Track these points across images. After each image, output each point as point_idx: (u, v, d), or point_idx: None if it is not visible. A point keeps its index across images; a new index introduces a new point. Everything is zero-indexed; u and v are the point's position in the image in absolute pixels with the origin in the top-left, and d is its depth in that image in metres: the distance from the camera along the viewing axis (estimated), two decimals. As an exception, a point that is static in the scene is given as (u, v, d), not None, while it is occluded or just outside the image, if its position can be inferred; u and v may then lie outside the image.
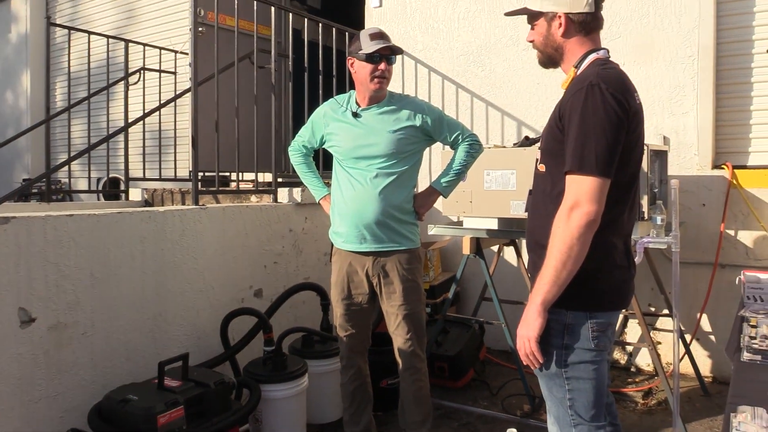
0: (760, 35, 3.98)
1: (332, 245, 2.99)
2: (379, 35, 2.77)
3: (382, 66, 2.75)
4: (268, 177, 4.18)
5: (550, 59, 2.00)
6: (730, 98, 4.11)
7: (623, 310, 2.05)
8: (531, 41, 2.02)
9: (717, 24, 4.07)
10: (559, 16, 1.90)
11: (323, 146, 3.05)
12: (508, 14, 2.13)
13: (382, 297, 2.90)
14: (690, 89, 4.13)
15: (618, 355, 4.44)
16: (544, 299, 1.77)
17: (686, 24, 4.12)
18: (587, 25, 1.90)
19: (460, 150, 2.99)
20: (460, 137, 2.98)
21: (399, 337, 2.90)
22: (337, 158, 2.92)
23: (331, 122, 2.92)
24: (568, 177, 1.77)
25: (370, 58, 2.74)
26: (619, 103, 1.74)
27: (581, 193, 1.72)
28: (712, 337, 4.10)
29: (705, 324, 4.11)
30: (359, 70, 2.79)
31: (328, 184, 3.09)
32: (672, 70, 4.18)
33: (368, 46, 2.74)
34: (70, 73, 5.08)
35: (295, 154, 3.17)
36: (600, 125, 1.72)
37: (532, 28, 2.00)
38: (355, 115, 2.84)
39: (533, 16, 1.97)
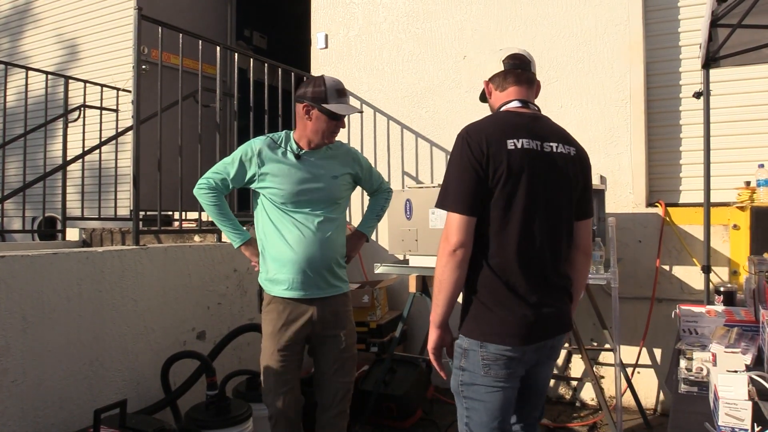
0: (687, 80, 4.22)
1: (261, 293, 2.83)
2: (344, 92, 2.78)
3: (342, 124, 2.78)
4: (212, 216, 4.10)
5: None
6: (661, 139, 4.31)
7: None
8: None
9: (647, 69, 4.30)
10: (485, 83, 2.25)
11: (249, 186, 2.82)
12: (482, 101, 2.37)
13: (323, 342, 2.80)
14: (624, 131, 4.32)
15: (563, 390, 4.50)
16: (432, 319, 2.08)
17: (618, 69, 4.33)
18: (499, 83, 2.19)
19: (380, 197, 3.13)
20: (381, 186, 3.13)
21: (339, 380, 2.81)
22: (272, 200, 2.74)
23: (268, 162, 2.74)
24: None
25: (334, 115, 2.71)
26: (473, 147, 1.97)
27: (447, 227, 1.98)
28: (653, 370, 4.21)
29: (645, 357, 4.22)
30: (317, 120, 2.71)
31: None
32: (606, 113, 4.37)
33: (335, 103, 2.71)
34: (6, 110, 4.93)
35: (210, 192, 2.81)
36: (455, 169, 2.00)
37: None
38: (298, 157, 2.76)
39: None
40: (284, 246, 2.71)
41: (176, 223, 4.40)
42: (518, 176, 1.96)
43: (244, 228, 2.91)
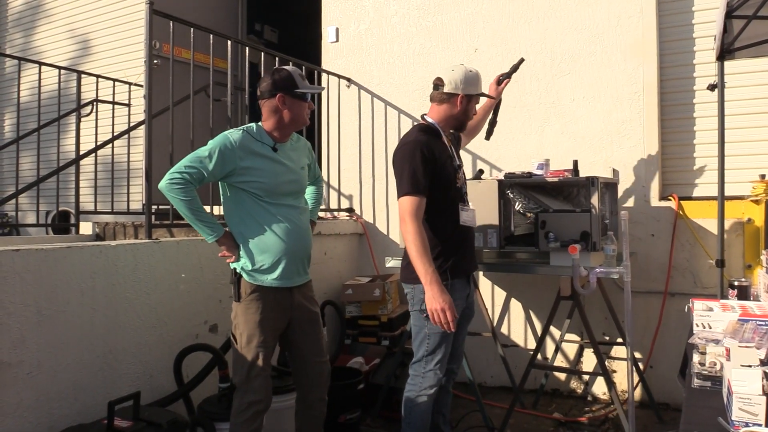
0: (701, 73, 4.18)
1: (239, 284, 2.77)
2: (303, 75, 2.87)
3: (312, 105, 2.90)
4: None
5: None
6: (675, 133, 4.28)
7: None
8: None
9: (660, 62, 4.26)
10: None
11: (224, 180, 2.78)
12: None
13: (299, 327, 2.88)
14: (637, 124, 4.28)
15: (574, 384, 4.49)
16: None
17: (631, 62, 4.30)
18: None
19: (319, 186, 3.28)
20: (320, 175, 3.29)
21: (319, 363, 2.93)
22: (253, 194, 2.74)
23: (248, 156, 2.73)
24: None
25: (306, 96, 2.82)
26: None
27: None
28: (665, 365, 4.18)
29: (657, 351, 4.20)
30: (293, 107, 2.79)
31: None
32: (619, 106, 4.34)
33: (304, 86, 2.81)
34: (20, 104, 4.97)
35: (184, 188, 2.68)
36: None
37: (477, 103, 3.04)
38: (275, 150, 2.81)
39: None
40: (274, 237, 2.75)
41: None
42: None
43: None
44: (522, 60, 3.44)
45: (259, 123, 2.86)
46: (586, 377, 4.43)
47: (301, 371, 2.93)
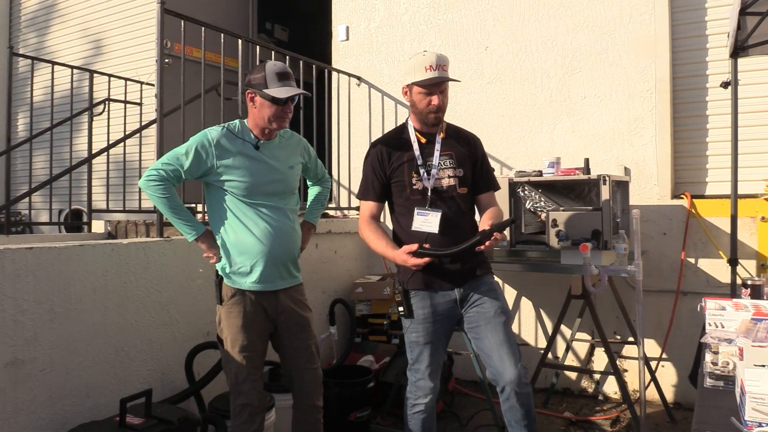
0: (714, 70, 4.14)
1: (220, 286, 2.73)
2: (286, 76, 2.66)
3: (289, 108, 2.70)
4: (234, 208, 4.12)
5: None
6: (687, 130, 4.25)
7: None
8: (442, 105, 2.77)
9: (672, 59, 4.23)
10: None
11: (203, 179, 2.70)
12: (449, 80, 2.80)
13: (287, 332, 2.76)
14: (649, 122, 4.26)
15: (585, 383, 4.47)
16: None
17: (643, 59, 4.27)
18: None
19: (324, 187, 3.17)
20: (324, 175, 3.15)
21: (309, 370, 2.79)
22: (233, 193, 2.65)
23: (227, 154, 2.64)
24: (492, 194, 2.86)
25: (276, 100, 2.62)
26: None
27: None
28: (677, 364, 4.16)
29: (669, 351, 4.17)
30: (261, 107, 2.65)
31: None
32: (631, 103, 4.31)
33: (276, 87, 2.62)
34: (33, 104, 5.00)
35: (160, 185, 2.59)
36: None
37: (443, 93, 2.77)
38: (257, 148, 2.70)
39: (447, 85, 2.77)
40: (252, 238, 2.66)
41: (199, 216, 4.43)
42: None
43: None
44: (512, 221, 2.88)
45: (245, 119, 2.79)
46: (597, 376, 4.41)
47: (291, 378, 2.82)
